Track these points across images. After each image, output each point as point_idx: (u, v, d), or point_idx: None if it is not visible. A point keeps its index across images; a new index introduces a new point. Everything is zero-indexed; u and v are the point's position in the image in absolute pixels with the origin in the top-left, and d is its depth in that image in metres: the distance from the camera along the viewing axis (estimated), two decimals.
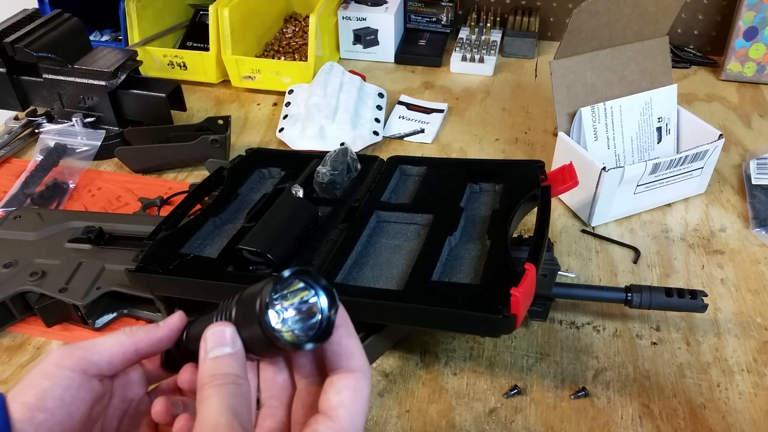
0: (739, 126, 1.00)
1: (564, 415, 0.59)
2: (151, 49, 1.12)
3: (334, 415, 0.32)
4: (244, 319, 0.32)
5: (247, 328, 0.32)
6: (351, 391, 0.32)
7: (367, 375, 0.33)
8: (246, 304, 0.32)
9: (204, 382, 0.32)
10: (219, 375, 0.31)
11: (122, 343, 0.37)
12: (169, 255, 0.64)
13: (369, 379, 0.33)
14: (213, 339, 0.32)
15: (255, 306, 0.31)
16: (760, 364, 0.63)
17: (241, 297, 0.33)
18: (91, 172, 0.92)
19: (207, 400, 0.31)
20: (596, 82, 0.83)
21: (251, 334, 0.32)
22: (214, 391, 0.31)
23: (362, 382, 0.33)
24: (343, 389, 0.32)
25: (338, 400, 0.32)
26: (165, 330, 0.38)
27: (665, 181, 0.80)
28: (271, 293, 0.31)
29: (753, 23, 1.05)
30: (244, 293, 0.33)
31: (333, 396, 0.32)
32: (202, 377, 0.32)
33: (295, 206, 0.68)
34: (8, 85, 0.95)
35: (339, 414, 0.32)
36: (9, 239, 0.73)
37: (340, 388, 0.32)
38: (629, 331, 0.67)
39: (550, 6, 1.22)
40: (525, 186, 0.67)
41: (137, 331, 0.37)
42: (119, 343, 0.37)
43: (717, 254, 0.76)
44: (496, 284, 0.54)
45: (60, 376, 0.34)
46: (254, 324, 0.31)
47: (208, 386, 0.31)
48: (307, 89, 1.02)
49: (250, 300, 0.32)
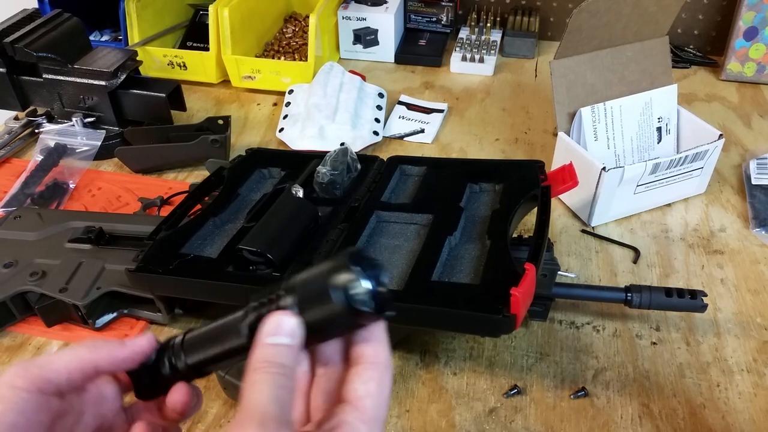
0: (739, 126, 1.00)
1: (564, 414, 0.59)
2: (151, 49, 1.12)
3: (361, 405, 0.31)
4: (314, 303, 0.32)
5: (317, 307, 0.32)
6: (377, 383, 0.32)
7: (390, 369, 0.33)
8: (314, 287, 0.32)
9: (257, 366, 0.31)
10: (274, 363, 0.31)
11: (81, 359, 0.35)
12: (169, 255, 0.64)
13: (392, 374, 0.34)
14: (275, 326, 0.32)
15: (331, 284, 0.31)
16: (759, 364, 0.63)
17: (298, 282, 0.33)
18: (91, 172, 0.92)
19: (258, 385, 0.30)
20: (596, 82, 0.83)
21: (322, 315, 0.32)
22: (268, 377, 0.30)
23: (386, 374, 0.33)
24: (369, 380, 0.32)
25: (365, 390, 0.32)
26: (128, 351, 0.36)
27: (665, 181, 0.80)
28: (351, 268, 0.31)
29: (753, 23, 1.05)
30: (299, 279, 0.33)
31: (360, 386, 0.32)
32: (256, 361, 0.31)
33: (295, 206, 0.68)
34: (8, 85, 0.95)
35: (366, 404, 0.31)
36: (9, 239, 0.73)
37: (366, 378, 0.32)
38: (629, 331, 0.67)
39: (550, 6, 1.22)
40: (525, 186, 0.67)
41: (100, 347, 0.36)
42: (78, 358, 0.35)
43: (717, 254, 0.76)
44: (496, 284, 0.54)
45: (13, 399, 0.33)
46: (330, 303, 0.31)
47: (262, 371, 0.31)
48: (307, 89, 1.02)
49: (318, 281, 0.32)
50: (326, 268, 0.32)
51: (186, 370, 0.36)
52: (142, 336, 0.37)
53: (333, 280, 0.31)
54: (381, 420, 0.32)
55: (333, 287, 0.31)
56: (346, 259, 0.31)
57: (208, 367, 0.36)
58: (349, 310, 0.31)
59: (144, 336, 0.37)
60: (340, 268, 0.31)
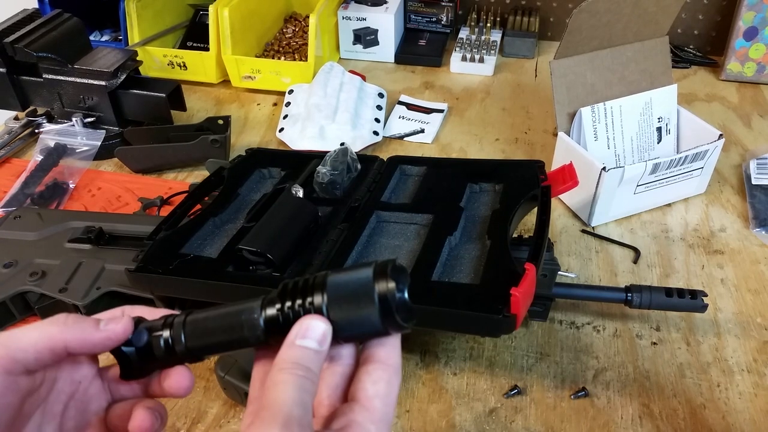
0: (739, 126, 1.00)
1: (564, 415, 0.59)
2: (151, 49, 1.12)
3: (371, 405, 0.32)
4: (349, 303, 0.32)
5: (352, 311, 0.32)
6: (386, 384, 0.32)
7: (399, 372, 0.34)
8: (351, 287, 0.32)
9: (283, 366, 0.31)
10: (301, 365, 0.31)
11: (51, 337, 0.33)
12: (169, 255, 0.64)
13: (400, 377, 0.34)
14: (305, 329, 0.32)
15: (374, 294, 0.31)
16: (760, 364, 0.63)
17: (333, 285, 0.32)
18: (91, 172, 0.92)
19: (283, 385, 0.30)
20: (596, 82, 0.83)
21: (354, 317, 0.32)
22: (294, 378, 0.30)
23: (395, 377, 0.33)
24: (378, 381, 0.32)
25: (375, 390, 0.32)
26: (102, 336, 0.34)
27: (665, 181, 0.80)
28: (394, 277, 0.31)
29: (753, 23, 1.05)
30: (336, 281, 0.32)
31: (369, 386, 0.32)
32: (284, 361, 0.31)
33: (295, 206, 0.68)
34: (8, 85, 0.95)
35: (375, 405, 0.32)
36: (9, 239, 0.73)
37: (376, 379, 0.32)
38: (629, 331, 0.67)
39: (550, 6, 1.22)
40: (525, 186, 0.67)
41: (71, 327, 0.34)
42: (47, 336, 0.33)
43: (717, 254, 0.76)
44: (496, 284, 0.54)
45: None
46: (369, 311, 0.31)
47: (288, 371, 0.30)
48: (307, 89, 1.02)
49: (359, 284, 0.32)
50: (365, 273, 0.32)
51: (184, 353, 0.35)
52: (118, 320, 0.35)
53: (376, 287, 0.31)
54: (389, 421, 0.32)
55: (376, 293, 0.31)
56: (390, 269, 0.32)
57: (209, 353, 0.35)
58: (385, 318, 0.31)
59: (121, 321, 0.35)
60: (384, 276, 0.31)
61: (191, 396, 0.61)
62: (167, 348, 0.35)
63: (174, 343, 0.35)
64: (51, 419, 0.35)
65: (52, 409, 0.35)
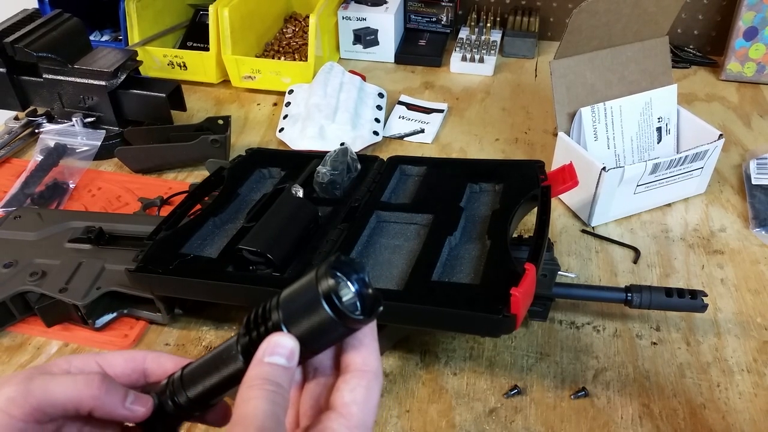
0: (739, 126, 1.00)
1: (564, 415, 0.59)
2: (151, 49, 1.12)
3: (347, 412, 0.32)
4: (303, 314, 0.32)
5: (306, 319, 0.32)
6: (364, 390, 0.32)
7: (379, 377, 0.33)
8: (300, 299, 0.32)
9: (252, 383, 0.31)
10: (270, 381, 0.31)
11: (81, 400, 0.34)
12: (169, 255, 0.64)
13: (381, 381, 0.34)
14: (273, 346, 0.32)
15: (318, 293, 0.31)
16: (760, 364, 0.63)
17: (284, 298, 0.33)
18: (91, 172, 0.92)
19: (255, 401, 0.30)
20: (596, 82, 0.83)
21: (313, 324, 0.32)
22: (264, 393, 0.30)
23: (374, 382, 0.33)
24: (356, 387, 0.32)
25: (351, 397, 0.32)
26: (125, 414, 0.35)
27: (665, 181, 0.80)
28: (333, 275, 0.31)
29: (753, 23, 1.05)
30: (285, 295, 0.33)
31: (346, 393, 0.32)
32: (252, 378, 0.31)
33: (295, 206, 0.68)
34: (8, 85, 0.95)
35: (352, 411, 0.32)
36: (9, 239, 0.73)
37: (354, 386, 0.32)
38: (629, 331, 0.67)
39: (550, 6, 1.22)
40: (525, 186, 0.67)
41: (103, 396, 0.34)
42: (79, 398, 0.34)
43: (717, 254, 0.76)
44: (496, 284, 0.54)
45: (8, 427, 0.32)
46: (320, 310, 0.31)
47: (257, 388, 0.31)
48: (307, 89, 1.02)
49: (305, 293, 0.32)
50: (309, 279, 0.32)
51: (189, 404, 0.35)
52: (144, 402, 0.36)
53: (318, 290, 0.31)
54: (367, 427, 0.32)
55: (319, 297, 0.31)
56: (327, 267, 0.32)
57: (209, 398, 0.35)
58: (339, 317, 0.31)
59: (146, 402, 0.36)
60: (323, 277, 0.31)
61: None
62: (175, 406, 0.36)
63: (178, 396, 0.35)
64: None
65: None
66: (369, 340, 0.34)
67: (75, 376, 0.35)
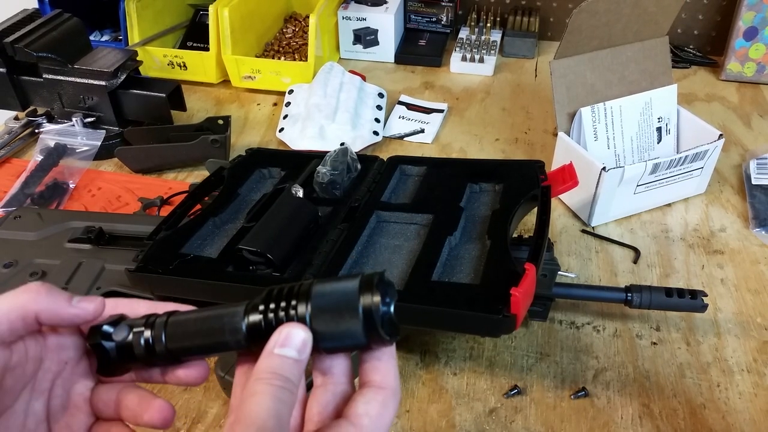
0: (739, 126, 1.00)
1: (564, 415, 0.59)
2: (151, 49, 1.12)
3: (358, 423, 0.31)
4: (333, 314, 0.32)
5: (334, 322, 0.32)
6: (379, 405, 0.32)
7: (397, 396, 0.33)
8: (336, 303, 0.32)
9: (261, 376, 0.31)
10: (278, 375, 0.31)
11: (22, 306, 0.33)
12: (169, 255, 0.64)
13: (398, 399, 0.33)
14: (285, 337, 0.31)
15: (358, 306, 0.31)
16: (760, 364, 0.63)
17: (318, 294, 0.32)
18: (91, 172, 0.92)
19: (259, 396, 0.30)
20: (596, 82, 0.83)
21: (338, 331, 0.32)
22: (270, 389, 0.30)
23: (391, 399, 0.33)
24: (371, 401, 0.32)
25: (365, 409, 0.32)
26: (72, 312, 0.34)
27: (665, 181, 0.80)
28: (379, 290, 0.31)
29: (753, 23, 1.05)
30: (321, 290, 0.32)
31: (361, 405, 0.32)
32: (262, 370, 0.31)
33: (295, 206, 0.68)
34: (8, 85, 0.95)
35: (363, 422, 0.31)
36: (9, 239, 0.73)
37: (369, 399, 0.32)
38: (629, 331, 0.67)
39: (550, 6, 1.22)
40: (525, 186, 0.67)
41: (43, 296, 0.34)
42: (19, 305, 0.33)
43: (717, 254, 0.76)
44: (496, 284, 0.54)
45: None
46: (352, 323, 0.31)
47: (264, 382, 0.30)
48: (307, 89, 1.02)
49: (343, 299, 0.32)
50: (351, 286, 0.32)
51: (164, 354, 0.34)
52: (92, 300, 0.35)
53: (362, 300, 0.31)
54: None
55: (361, 306, 0.31)
56: (376, 281, 0.32)
57: (189, 355, 0.35)
58: (368, 332, 0.31)
59: (94, 301, 0.35)
60: (370, 289, 0.31)
61: (191, 396, 0.61)
62: (147, 347, 0.34)
63: (154, 343, 0.34)
64: (39, 395, 0.36)
65: (40, 386, 0.36)
66: (387, 358, 0.34)
67: (14, 291, 0.34)
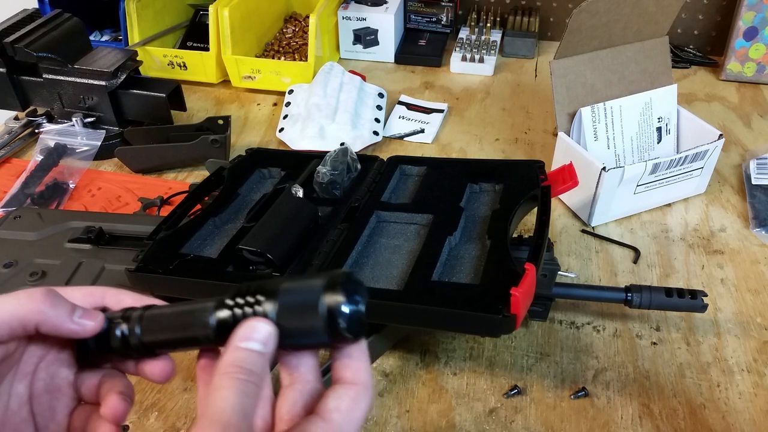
0: (739, 126, 1.00)
1: (564, 415, 0.59)
2: (151, 49, 1.12)
3: (329, 417, 0.31)
4: (297, 316, 0.32)
5: (297, 320, 0.32)
6: (350, 400, 0.32)
7: (369, 390, 0.33)
8: (300, 301, 0.32)
9: (225, 370, 0.31)
10: (243, 368, 0.31)
11: (25, 315, 0.33)
12: (169, 255, 0.64)
13: (370, 395, 0.33)
14: (249, 331, 0.31)
15: (319, 304, 0.31)
16: (760, 364, 0.63)
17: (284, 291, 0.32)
18: (91, 172, 0.92)
19: (224, 391, 0.30)
20: (596, 82, 0.83)
21: (302, 327, 0.32)
22: (234, 384, 0.30)
23: (363, 394, 0.33)
24: (342, 396, 0.32)
25: (335, 404, 0.32)
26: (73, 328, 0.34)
27: (665, 181, 0.80)
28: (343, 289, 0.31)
29: (753, 23, 1.05)
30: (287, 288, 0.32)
31: (331, 401, 0.32)
32: (226, 365, 0.31)
33: (295, 206, 0.68)
34: (8, 85, 0.95)
35: (333, 417, 0.31)
36: (9, 239, 0.73)
37: (341, 395, 0.32)
38: (629, 331, 0.67)
39: (550, 6, 1.22)
40: (525, 186, 0.67)
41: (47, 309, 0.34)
42: (22, 314, 0.33)
43: (717, 254, 0.76)
44: (496, 284, 0.54)
45: None
46: (314, 320, 0.31)
47: (229, 376, 0.30)
48: (307, 89, 1.02)
49: (306, 297, 0.32)
50: (318, 283, 0.32)
51: (138, 347, 0.35)
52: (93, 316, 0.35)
53: (325, 299, 0.31)
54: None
55: (324, 305, 0.31)
56: (341, 280, 0.32)
57: (162, 349, 0.35)
58: (330, 331, 0.31)
59: (95, 319, 0.35)
60: (334, 289, 0.31)
61: (191, 396, 0.61)
62: (123, 340, 0.35)
63: (129, 335, 0.35)
64: (22, 378, 0.36)
65: (24, 368, 0.36)
66: (358, 354, 0.34)
67: (18, 293, 0.34)
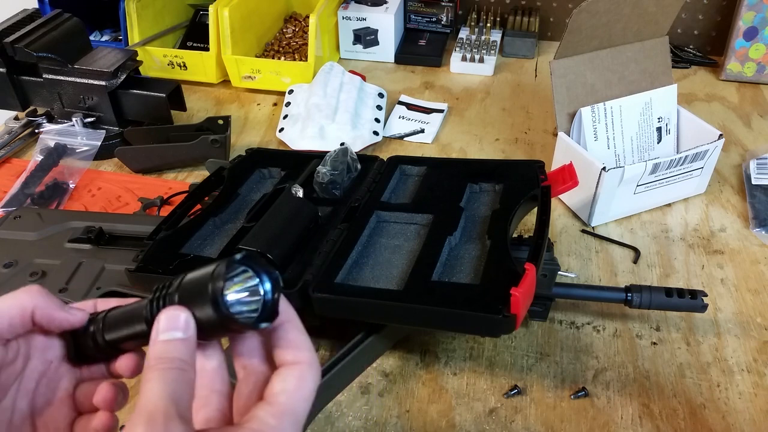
0: (739, 126, 1.00)
1: (564, 415, 0.59)
2: (151, 49, 1.12)
3: (275, 401, 0.32)
4: (194, 302, 0.32)
5: (197, 310, 0.32)
6: (295, 380, 0.33)
7: (314, 366, 0.34)
8: (194, 288, 0.32)
9: (150, 364, 0.31)
10: (166, 359, 0.31)
11: (22, 305, 0.35)
12: (169, 255, 0.64)
13: (316, 371, 0.34)
14: (166, 322, 0.32)
15: (208, 288, 0.31)
16: (760, 364, 0.63)
17: (185, 281, 0.33)
18: (91, 172, 0.92)
19: (149, 383, 0.30)
20: (596, 82, 0.83)
21: (201, 316, 0.32)
22: (158, 374, 0.31)
23: (307, 372, 0.33)
24: (287, 377, 0.33)
25: (281, 387, 0.32)
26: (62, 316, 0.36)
27: (665, 181, 0.80)
28: (226, 276, 0.31)
29: (753, 23, 1.05)
30: (187, 278, 0.33)
31: (277, 384, 0.33)
32: (149, 359, 0.31)
33: (295, 206, 0.68)
34: (8, 85, 0.95)
35: (280, 400, 0.32)
36: (9, 239, 0.73)
37: (285, 376, 0.33)
38: (629, 331, 0.67)
39: (550, 6, 1.22)
40: (525, 186, 0.67)
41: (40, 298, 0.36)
42: (19, 304, 0.35)
43: (717, 254, 0.76)
44: (496, 284, 0.54)
45: None
46: (206, 306, 0.31)
47: (153, 369, 0.31)
48: (307, 89, 1.02)
49: (199, 283, 0.32)
50: (205, 272, 0.32)
51: (105, 345, 0.37)
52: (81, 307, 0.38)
53: (211, 285, 0.31)
54: (297, 415, 0.32)
55: (208, 294, 0.31)
56: (227, 264, 0.31)
57: (122, 345, 0.36)
58: (222, 318, 0.31)
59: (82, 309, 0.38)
60: (219, 275, 0.31)
61: None
62: (93, 338, 0.37)
63: (96, 333, 0.37)
64: (24, 395, 0.37)
65: (26, 385, 0.37)
66: (294, 335, 0.34)
67: (14, 291, 0.36)
